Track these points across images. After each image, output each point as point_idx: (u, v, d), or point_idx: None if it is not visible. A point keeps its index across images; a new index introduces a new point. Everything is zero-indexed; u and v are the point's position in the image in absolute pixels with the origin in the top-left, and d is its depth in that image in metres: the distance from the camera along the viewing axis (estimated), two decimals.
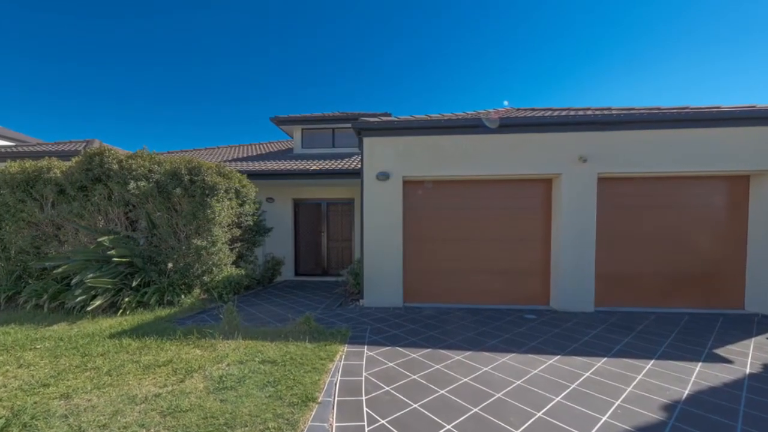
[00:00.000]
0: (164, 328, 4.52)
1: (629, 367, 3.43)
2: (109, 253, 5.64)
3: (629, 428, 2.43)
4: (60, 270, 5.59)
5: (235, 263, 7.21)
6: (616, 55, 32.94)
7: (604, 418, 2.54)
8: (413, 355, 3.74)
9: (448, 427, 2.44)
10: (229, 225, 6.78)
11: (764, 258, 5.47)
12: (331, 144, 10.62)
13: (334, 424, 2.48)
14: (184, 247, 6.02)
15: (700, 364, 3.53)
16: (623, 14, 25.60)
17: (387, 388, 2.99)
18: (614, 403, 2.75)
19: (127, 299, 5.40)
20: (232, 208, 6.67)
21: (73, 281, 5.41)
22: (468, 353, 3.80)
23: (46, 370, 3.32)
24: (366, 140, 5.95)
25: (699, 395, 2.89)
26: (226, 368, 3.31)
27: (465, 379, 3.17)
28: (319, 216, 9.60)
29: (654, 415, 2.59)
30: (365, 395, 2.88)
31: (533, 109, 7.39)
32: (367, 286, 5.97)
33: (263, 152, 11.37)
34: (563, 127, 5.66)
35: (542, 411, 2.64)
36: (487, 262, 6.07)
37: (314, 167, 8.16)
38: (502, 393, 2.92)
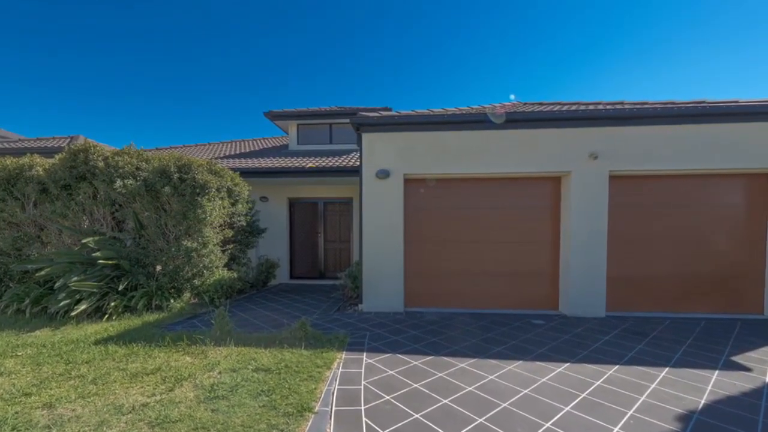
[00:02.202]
0: (152, 334, 4.52)
1: (642, 375, 3.43)
2: (94, 255, 5.64)
3: None
4: (42, 273, 5.59)
5: (227, 266, 7.21)
6: (623, 49, 32.98)
7: (615, 429, 2.54)
8: (415, 363, 3.74)
9: None
10: (220, 225, 6.78)
11: None
12: (329, 140, 10.63)
13: None
14: (173, 249, 6.02)
15: (717, 372, 3.53)
16: (630, 8, 25.64)
17: (387, 398, 2.99)
18: (627, 413, 2.75)
19: (113, 304, 5.40)
20: (223, 208, 6.68)
21: (57, 285, 5.42)
22: (472, 360, 3.81)
23: (27, 379, 3.32)
24: (365, 136, 5.95)
25: (716, 405, 2.89)
26: (218, 376, 3.31)
27: (469, 388, 3.17)
28: (315, 216, 9.60)
29: (669, 426, 2.59)
30: (364, 405, 2.88)
31: (541, 104, 7.39)
32: (367, 289, 5.97)
33: (257, 149, 11.38)
34: (573, 122, 5.66)
35: (551, 422, 2.64)
36: (492, 265, 6.07)
37: (310, 165, 8.16)
38: (508, 402, 2.92)
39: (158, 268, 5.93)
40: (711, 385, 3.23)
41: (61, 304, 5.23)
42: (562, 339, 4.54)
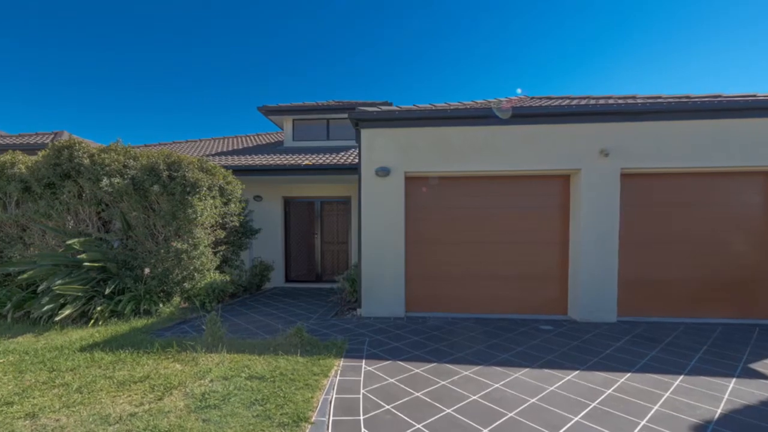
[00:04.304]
0: (140, 341, 4.52)
1: (656, 384, 3.43)
2: (79, 257, 5.64)
3: None
4: (25, 276, 5.59)
5: (219, 268, 7.22)
6: (635, 40, 33.01)
7: None
8: (416, 370, 3.75)
9: None
10: (212, 226, 6.78)
11: None
12: (326, 136, 10.63)
13: None
14: (162, 251, 6.03)
15: (734, 380, 3.53)
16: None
17: (387, 407, 3.00)
18: (639, 423, 2.75)
19: (99, 308, 5.40)
20: (215, 208, 6.68)
21: (40, 288, 5.41)
22: (477, 368, 3.81)
23: (9, 387, 3.32)
24: (364, 132, 5.96)
25: (733, 415, 2.89)
26: (209, 384, 3.31)
27: (474, 397, 3.17)
28: (312, 216, 9.60)
29: None
30: (363, 414, 2.88)
31: (549, 98, 7.40)
32: (366, 293, 5.97)
33: (250, 145, 11.38)
34: (582, 117, 5.66)
35: None
36: (498, 267, 6.07)
37: (306, 162, 8.16)
38: (514, 412, 2.92)
39: (147, 270, 5.93)
40: (728, 394, 3.23)
41: (45, 308, 5.24)
42: (571, 345, 4.54)
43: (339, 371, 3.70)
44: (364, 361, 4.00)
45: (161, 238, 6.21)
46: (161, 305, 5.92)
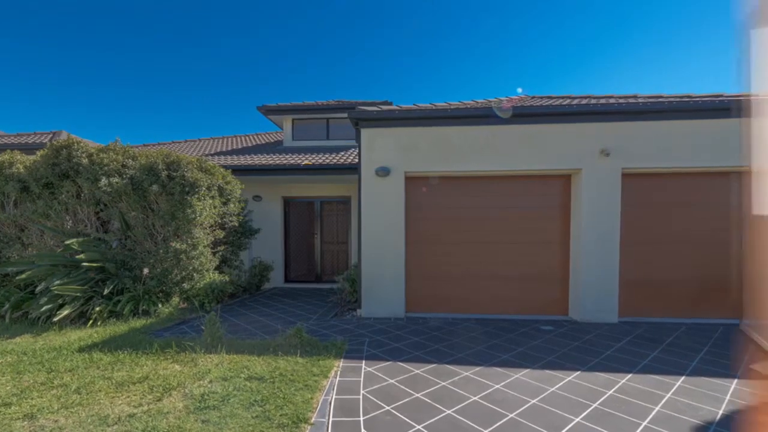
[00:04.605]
0: (139, 341, 4.52)
1: (657, 385, 3.43)
2: (77, 257, 5.64)
3: None
4: (23, 276, 5.59)
5: (219, 269, 7.22)
6: (637, 39, 33.01)
7: None
8: (417, 371, 3.75)
9: None
10: (211, 226, 6.78)
11: None
12: (326, 136, 10.63)
13: None
14: (161, 251, 6.02)
15: (735, 381, 3.53)
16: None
17: (387, 408, 3.00)
18: (641, 425, 2.75)
19: (98, 309, 5.40)
20: (214, 207, 6.68)
21: (38, 288, 5.41)
22: (478, 369, 3.81)
23: (7, 388, 3.32)
24: (364, 132, 5.96)
25: (735, 416, 2.89)
26: (209, 385, 3.31)
27: (474, 398, 3.17)
28: (311, 216, 9.60)
29: None
30: (363, 415, 2.88)
31: (550, 98, 7.40)
32: (365, 294, 5.97)
33: (249, 145, 11.38)
34: (583, 116, 5.66)
35: None
36: (498, 268, 6.07)
37: (306, 162, 8.16)
38: (515, 413, 2.92)
39: (145, 271, 5.93)
40: (729, 395, 3.23)
41: (43, 309, 5.23)
42: (572, 346, 4.54)
43: (339, 372, 3.70)
44: (364, 361, 4.00)
45: (160, 238, 6.21)
46: (160, 305, 5.92)
